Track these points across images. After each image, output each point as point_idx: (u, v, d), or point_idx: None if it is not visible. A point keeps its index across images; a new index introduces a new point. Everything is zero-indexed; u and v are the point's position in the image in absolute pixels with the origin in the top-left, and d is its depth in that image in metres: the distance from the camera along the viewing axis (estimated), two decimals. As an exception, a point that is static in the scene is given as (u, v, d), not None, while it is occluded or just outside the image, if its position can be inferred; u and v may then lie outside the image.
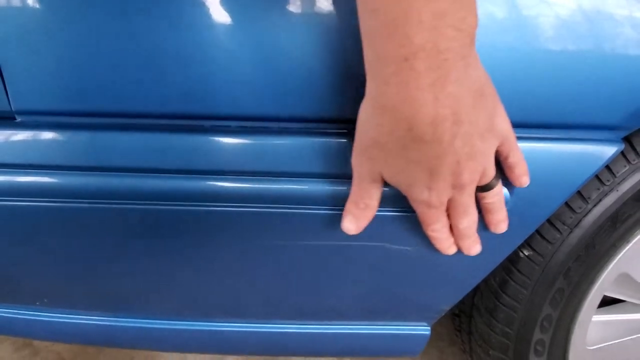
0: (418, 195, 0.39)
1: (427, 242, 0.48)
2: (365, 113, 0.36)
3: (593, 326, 0.66)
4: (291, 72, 0.41)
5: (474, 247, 0.45)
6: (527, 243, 0.58)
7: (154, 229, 0.49)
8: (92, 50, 0.41)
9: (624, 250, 0.59)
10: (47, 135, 0.45)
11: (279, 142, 0.44)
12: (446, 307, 0.59)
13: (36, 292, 0.56)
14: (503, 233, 0.50)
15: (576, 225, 0.56)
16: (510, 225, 0.48)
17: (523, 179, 0.43)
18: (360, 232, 0.46)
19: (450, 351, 1.10)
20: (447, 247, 0.45)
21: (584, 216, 0.56)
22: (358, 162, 0.39)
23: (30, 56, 0.41)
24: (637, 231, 0.58)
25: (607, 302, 0.69)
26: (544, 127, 0.44)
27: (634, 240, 0.59)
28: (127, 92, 0.42)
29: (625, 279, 0.62)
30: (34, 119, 0.44)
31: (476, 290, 0.68)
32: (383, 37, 0.31)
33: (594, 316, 0.65)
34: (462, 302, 0.73)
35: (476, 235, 0.45)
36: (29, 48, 0.41)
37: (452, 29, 0.30)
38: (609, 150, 0.46)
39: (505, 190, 0.46)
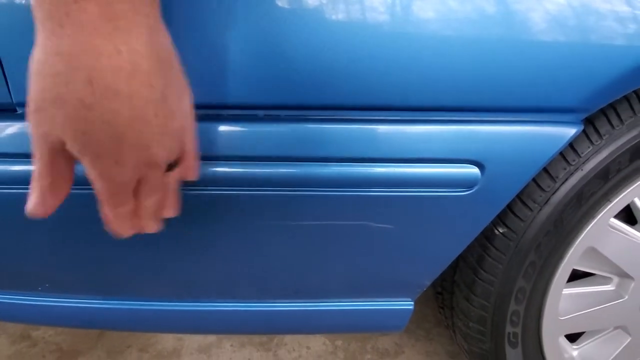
0: (105, 169, 0.33)
1: (408, 219, 0.51)
2: (39, 62, 0.30)
3: (564, 298, 0.71)
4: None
5: (155, 226, 0.40)
6: (501, 221, 0.63)
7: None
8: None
9: (590, 226, 0.63)
10: (47, 125, 0.47)
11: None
12: (427, 282, 0.63)
13: (38, 277, 0.59)
14: (476, 209, 0.54)
15: (545, 203, 0.60)
16: (481, 201, 0.52)
17: (191, 172, 0.40)
18: (345, 211, 0.49)
19: (436, 331, 1.15)
20: (129, 228, 0.38)
21: (553, 194, 0.60)
22: (37, 122, 0.32)
23: (30, 49, 0.44)
24: (602, 207, 0.63)
25: (579, 276, 0.74)
26: (509, 110, 0.48)
27: (598, 216, 0.63)
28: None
29: (592, 252, 0.67)
30: (34, 111, 0.47)
31: (456, 267, 0.72)
32: None
33: (565, 289, 0.70)
34: (443, 279, 0.78)
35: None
36: (29, 41, 0.43)
37: None
38: (569, 131, 0.50)
39: (476, 169, 0.50)
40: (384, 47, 0.44)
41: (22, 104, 0.47)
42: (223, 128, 0.47)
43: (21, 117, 0.47)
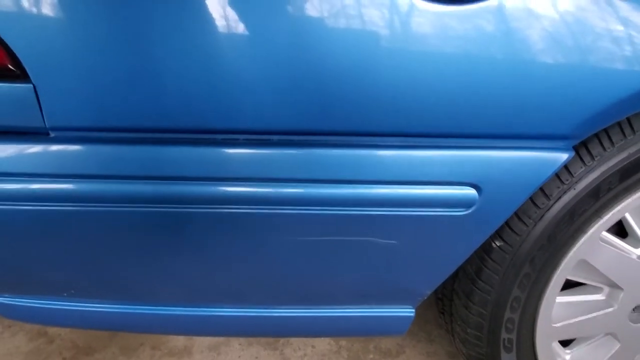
0: None
1: (410, 236, 0.55)
2: None
3: (558, 306, 0.75)
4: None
5: None
6: (498, 235, 0.66)
7: (165, 228, 0.56)
8: (119, 74, 0.47)
9: (582, 240, 0.67)
10: (77, 148, 0.51)
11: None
12: (428, 291, 0.67)
13: (66, 284, 0.63)
14: (474, 227, 0.58)
15: (540, 219, 0.64)
16: (479, 220, 0.56)
17: None
18: (352, 228, 0.53)
19: (437, 333, 1.19)
20: None
21: (547, 211, 0.64)
22: None
23: (63, 78, 0.48)
24: (593, 223, 0.66)
25: (572, 285, 0.78)
26: (504, 137, 0.52)
27: (590, 232, 0.67)
28: (147, 111, 0.49)
29: (584, 264, 0.71)
30: (66, 135, 0.51)
31: (455, 276, 0.76)
32: None
33: (558, 297, 0.74)
34: (444, 287, 0.82)
35: None
36: (63, 71, 0.47)
37: None
38: (561, 157, 0.53)
39: (473, 191, 0.54)
40: (390, 81, 0.48)
41: (55, 129, 0.51)
42: (243, 151, 0.51)
43: (53, 141, 0.51)
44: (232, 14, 0.45)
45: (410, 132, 0.51)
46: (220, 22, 0.45)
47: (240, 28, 0.46)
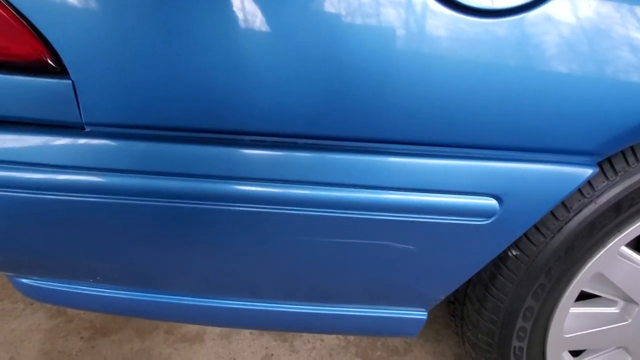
0: None
1: (429, 242, 0.56)
2: None
3: (571, 317, 0.75)
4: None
5: None
6: (515, 244, 0.67)
7: (189, 223, 0.58)
8: (153, 73, 0.49)
9: (600, 254, 0.67)
10: (111, 143, 0.53)
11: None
12: (442, 296, 0.68)
13: (92, 271, 0.66)
14: (493, 237, 0.58)
15: (559, 231, 0.64)
16: (498, 230, 0.57)
17: None
18: (375, 232, 0.54)
19: (445, 333, 1.20)
20: None
21: (566, 223, 0.64)
22: None
23: (102, 76, 0.49)
24: (612, 238, 0.66)
25: (586, 296, 0.78)
26: (528, 150, 0.52)
27: (608, 246, 0.67)
28: (178, 110, 0.51)
29: (600, 277, 0.71)
30: (101, 130, 0.53)
31: (469, 282, 0.77)
32: None
33: (571, 308, 0.74)
34: (456, 291, 0.82)
35: None
36: (101, 68, 0.49)
37: None
38: (585, 172, 0.53)
39: (494, 202, 0.54)
40: (417, 90, 0.48)
41: (90, 124, 0.52)
42: (266, 153, 0.53)
43: (89, 135, 0.53)
44: (259, 18, 0.46)
45: (435, 142, 0.52)
46: (254, 30, 0.46)
47: (264, 32, 0.47)
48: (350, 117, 0.49)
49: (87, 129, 0.53)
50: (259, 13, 0.46)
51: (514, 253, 0.67)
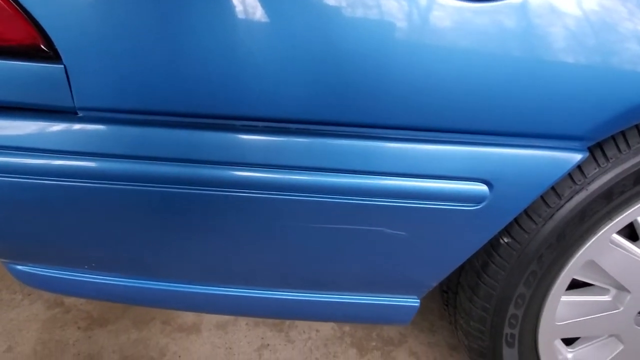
0: None
1: (420, 228, 0.56)
2: None
3: (562, 305, 0.75)
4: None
5: None
6: (507, 231, 0.67)
7: (184, 209, 0.59)
8: (147, 57, 0.49)
9: (591, 241, 0.68)
10: (104, 128, 0.53)
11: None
12: (434, 282, 0.69)
13: (86, 258, 0.66)
14: (483, 223, 0.59)
15: (550, 218, 0.65)
16: (489, 215, 0.57)
17: None
18: (366, 218, 0.55)
19: (440, 324, 1.20)
20: None
21: (557, 210, 0.64)
22: None
23: (94, 61, 0.50)
24: (604, 225, 0.67)
25: (578, 285, 0.78)
26: (518, 135, 0.52)
27: (600, 233, 0.67)
28: (171, 95, 0.51)
29: (592, 265, 0.71)
30: (94, 115, 0.53)
31: (461, 270, 0.77)
32: None
33: (563, 296, 0.74)
34: (449, 280, 0.83)
35: None
36: (93, 53, 0.49)
37: None
38: (575, 157, 0.54)
39: (485, 187, 0.55)
40: (408, 75, 0.49)
41: (83, 109, 0.53)
42: (258, 138, 0.53)
43: (82, 120, 0.53)
44: (251, 1, 0.46)
45: (425, 127, 0.52)
46: (247, 14, 0.46)
47: (263, 18, 0.47)
48: (340, 102, 0.50)
49: (80, 114, 0.53)
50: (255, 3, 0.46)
51: (506, 240, 0.68)
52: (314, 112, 0.51)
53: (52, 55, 0.49)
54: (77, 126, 0.53)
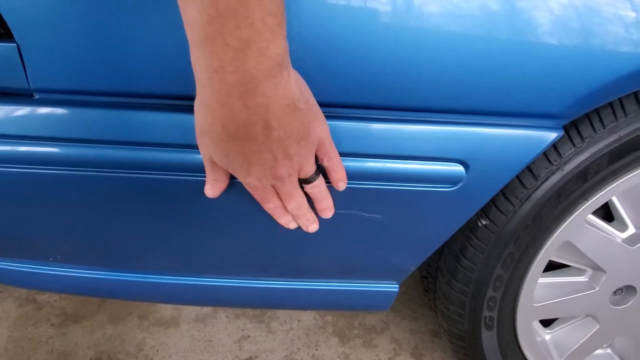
0: (242, 179, 0.46)
1: (395, 211, 0.55)
2: (196, 105, 0.42)
3: (540, 287, 0.76)
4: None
5: (310, 226, 0.53)
6: (485, 214, 0.67)
7: (153, 196, 0.56)
8: (105, 35, 0.46)
9: (567, 222, 0.68)
10: (62, 111, 0.51)
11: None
12: (412, 267, 0.68)
13: (51, 249, 0.63)
14: (460, 204, 0.58)
15: (526, 199, 0.64)
16: (465, 197, 0.56)
17: (339, 184, 0.51)
18: (338, 201, 0.54)
19: (421, 311, 1.21)
20: (286, 222, 0.53)
21: (534, 191, 0.64)
22: (198, 144, 0.46)
23: (49, 39, 0.47)
24: (579, 205, 0.67)
25: (555, 267, 0.79)
26: (493, 114, 0.51)
27: (576, 213, 0.67)
28: (130, 75, 0.48)
29: (568, 246, 0.71)
30: (50, 97, 0.50)
31: (440, 254, 0.77)
32: (199, 49, 0.37)
33: (540, 278, 0.75)
34: (428, 265, 0.83)
35: (309, 215, 0.52)
36: (48, 31, 0.46)
37: (257, 54, 0.36)
38: (550, 136, 0.53)
39: (460, 168, 0.54)
40: (382, 53, 0.47)
41: (39, 90, 0.50)
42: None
43: (38, 103, 0.50)
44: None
45: (397, 106, 0.51)
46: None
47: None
48: (311, 82, 0.48)
49: (36, 96, 0.50)
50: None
51: (484, 223, 0.67)
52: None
53: (4, 33, 0.46)
54: (33, 109, 0.50)
